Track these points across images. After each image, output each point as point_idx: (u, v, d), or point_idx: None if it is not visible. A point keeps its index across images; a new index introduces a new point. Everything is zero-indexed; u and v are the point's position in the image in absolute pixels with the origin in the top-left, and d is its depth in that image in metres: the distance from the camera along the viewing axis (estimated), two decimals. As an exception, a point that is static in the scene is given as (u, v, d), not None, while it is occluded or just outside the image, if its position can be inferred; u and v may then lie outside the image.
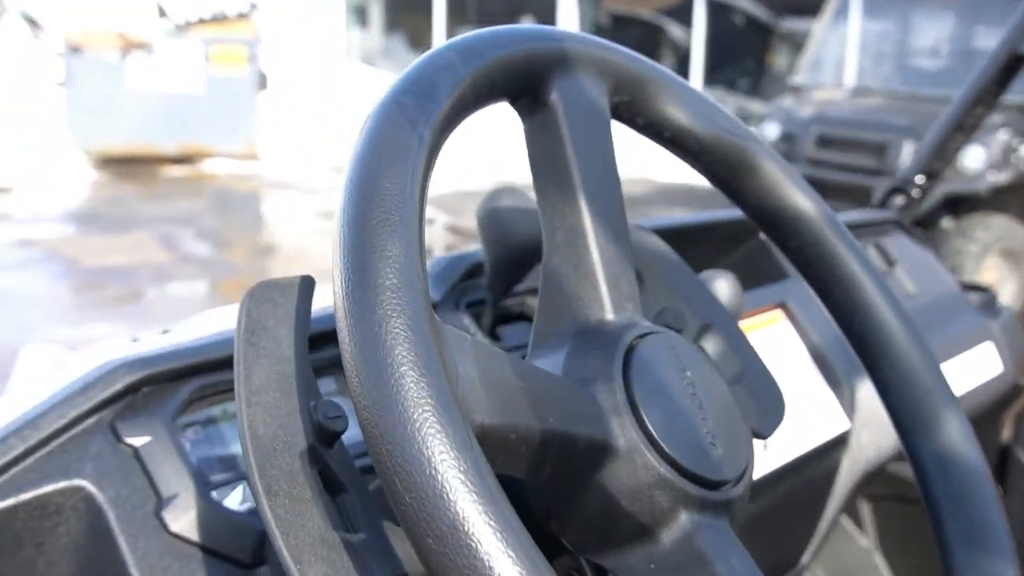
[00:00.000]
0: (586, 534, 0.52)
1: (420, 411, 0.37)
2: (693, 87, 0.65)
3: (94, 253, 5.39)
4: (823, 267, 0.66)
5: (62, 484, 0.60)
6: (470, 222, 6.15)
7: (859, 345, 0.67)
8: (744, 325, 1.12)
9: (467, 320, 0.87)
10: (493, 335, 0.88)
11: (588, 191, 0.57)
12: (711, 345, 0.71)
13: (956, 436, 0.63)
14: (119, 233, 5.86)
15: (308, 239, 5.98)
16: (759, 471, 0.95)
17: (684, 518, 0.51)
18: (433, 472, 0.36)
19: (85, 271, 5.10)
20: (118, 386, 0.64)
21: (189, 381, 0.67)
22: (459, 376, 0.42)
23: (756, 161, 0.66)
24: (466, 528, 0.36)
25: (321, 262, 5.39)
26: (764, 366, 0.73)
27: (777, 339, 1.18)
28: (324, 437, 0.48)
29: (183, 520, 0.61)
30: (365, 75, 11.24)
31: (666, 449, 0.50)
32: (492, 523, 0.36)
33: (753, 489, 0.81)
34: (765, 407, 0.70)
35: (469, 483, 0.36)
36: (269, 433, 0.46)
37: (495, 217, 0.80)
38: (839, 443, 1.18)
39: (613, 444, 0.50)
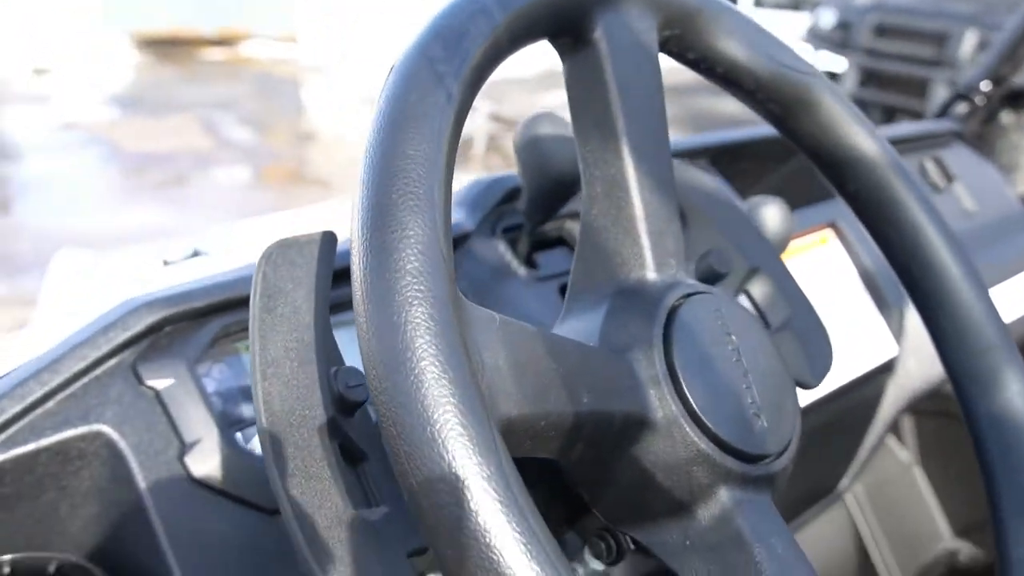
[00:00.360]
0: (619, 507, 0.50)
1: (442, 411, 0.34)
2: (750, 18, 0.59)
3: (135, 137, 5.38)
4: (882, 213, 0.62)
5: (82, 429, 0.58)
6: (513, 110, 6.04)
7: (917, 294, 0.63)
8: (792, 247, 1.08)
9: (503, 247, 0.84)
10: (529, 262, 0.85)
11: (632, 138, 0.52)
12: (758, 290, 0.68)
13: (1016, 399, 0.59)
14: (160, 117, 5.83)
15: (347, 125, 5.92)
16: (801, 398, 0.93)
17: (724, 495, 0.48)
18: (454, 477, 0.34)
19: (127, 155, 5.10)
20: (139, 327, 0.61)
21: (213, 320, 0.65)
22: (484, 366, 0.39)
23: (816, 98, 0.61)
24: (487, 540, 0.33)
25: (360, 150, 5.33)
26: (813, 311, 0.69)
27: (826, 260, 1.13)
28: (344, 407, 0.46)
29: (206, 465, 0.60)
30: (407, -47, 10.94)
31: (707, 422, 0.47)
32: (516, 534, 0.33)
33: None
34: (813, 356, 0.67)
35: (492, 490, 0.34)
36: (285, 408, 0.44)
37: (533, 146, 0.76)
38: (885, 369, 1.15)
39: (651, 417, 0.47)
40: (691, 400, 0.47)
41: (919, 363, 1.16)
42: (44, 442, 0.57)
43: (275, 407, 0.43)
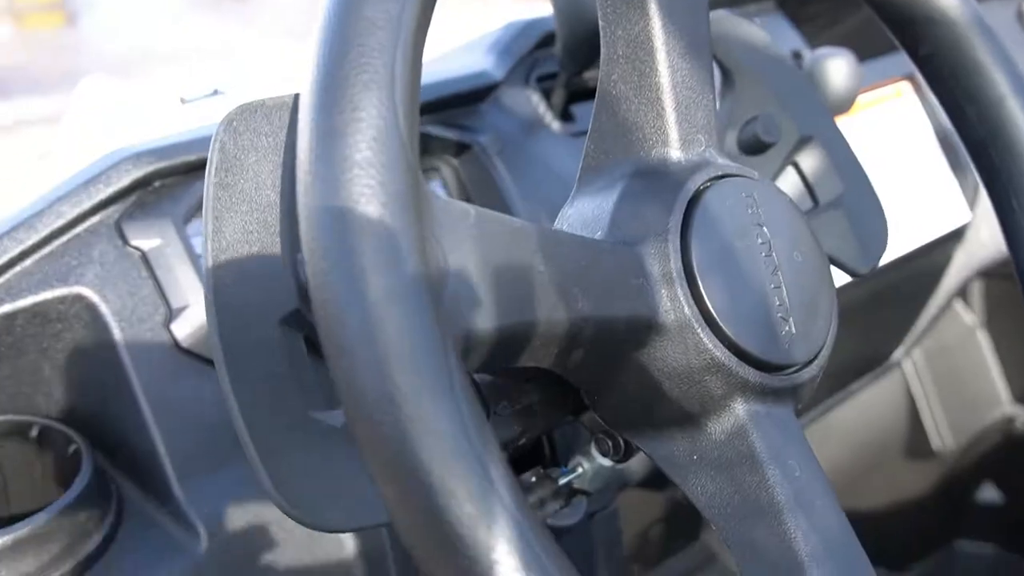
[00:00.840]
0: (621, 414, 0.45)
1: (385, 330, 0.29)
2: None
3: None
4: (959, 83, 0.53)
5: (61, 291, 0.55)
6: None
7: (988, 178, 0.55)
8: (862, 100, 0.98)
9: (536, 98, 0.77)
10: (565, 115, 0.78)
11: None
12: (809, 161, 0.60)
13: None
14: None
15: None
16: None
17: (739, 408, 0.43)
18: (395, 409, 0.29)
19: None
20: (124, 181, 0.57)
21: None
22: (449, 272, 0.33)
23: None
24: (429, 482, 0.28)
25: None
26: (870, 188, 0.62)
27: (900, 116, 1.03)
28: None
29: (194, 333, 0.56)
30: None
31: (724, 328, 0.42)
32: (461, 476, 0.28)
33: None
34: (865, 238, 0.60)
35: (441, 432, 0.29)
36: (240, 301, 0.39)
37: None
38: (955, 237, 1.07)
39: (660, 321, 0.41)
40: (707, 301, 0.42)
41: (992, 232, 1.08)
42: (21, 303, 0.54)
43: (228, 298, 0.38)
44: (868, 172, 0.63)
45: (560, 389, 0.49)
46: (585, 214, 0.45)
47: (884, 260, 0.97)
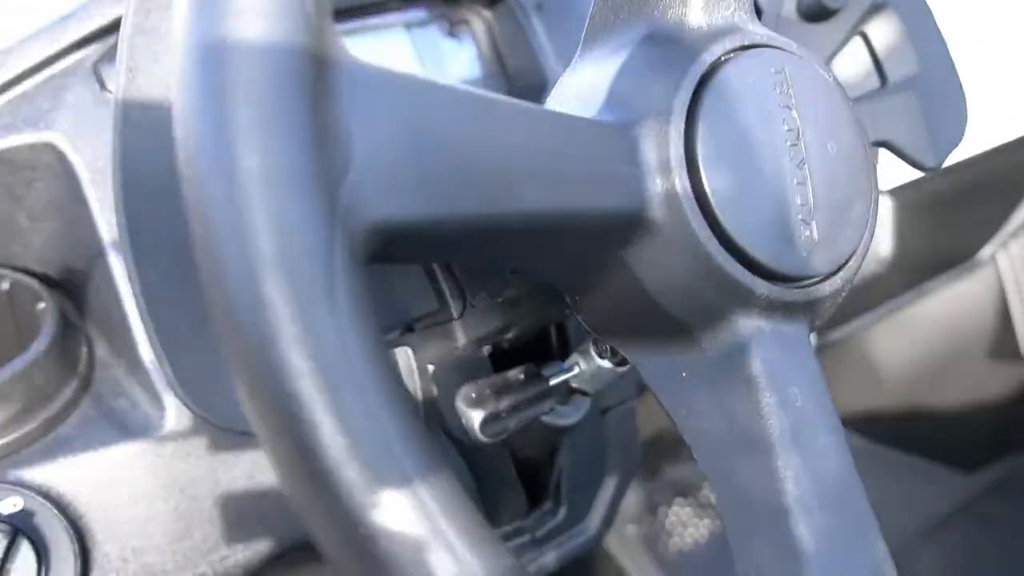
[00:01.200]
0: (605, 319, 0.39)
1: (252, 222, 0.23)
2: None
3: None
4: None
5: (30, 138, 0.50)
6: None
7: None
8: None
9: None
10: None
11: None
12: (881, 32, 0.52)
13: None
14: None
15: None
16: (958, 152, 0.77)
17: (740, 322, 0.36)
18: (260, 318, 0.23)
19: None
20: (103, 19, 0.51)
21: None
22: (353, 153, 0.27)
23: None
24: (294, 411, 0.23)
25: None
26: (951, 67, 0.53)
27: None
28: None
29: None
30: None
31: (727, 229, 0.35)
32: (337, 410, 0.24)
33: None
34: (937, 128, 0.52)
35: (311, 347, 0.23)
36: (153, 167, 0.33)
37: None
38: None
39: (650, 217, 0.35)
40: (709, 196, 0.35)
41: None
42: None
43: (139, 163, 0.33)
44: (958, 48, 0.54)
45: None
46: (581, 85, 0.38)
47: (980, 148, 0.88)
